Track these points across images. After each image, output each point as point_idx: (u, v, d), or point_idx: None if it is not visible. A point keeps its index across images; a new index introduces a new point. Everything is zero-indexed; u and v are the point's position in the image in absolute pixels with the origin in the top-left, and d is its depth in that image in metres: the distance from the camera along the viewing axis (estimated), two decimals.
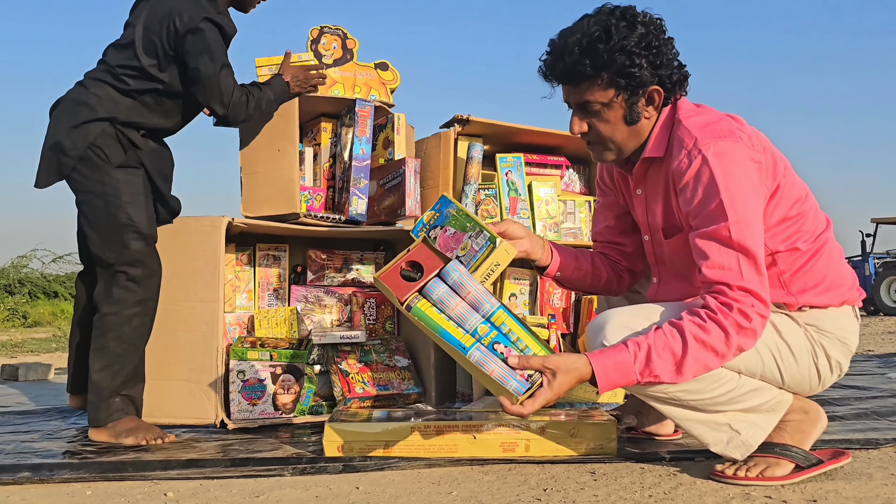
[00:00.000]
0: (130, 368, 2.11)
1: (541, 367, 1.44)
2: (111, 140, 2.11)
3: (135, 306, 2.10)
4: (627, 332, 1.50)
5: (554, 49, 1.56)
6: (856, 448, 1.77)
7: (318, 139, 2.65)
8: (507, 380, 1.44)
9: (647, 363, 1.42)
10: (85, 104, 2.11)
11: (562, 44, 1.54)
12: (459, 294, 1.53)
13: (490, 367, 1.45)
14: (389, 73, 2.72)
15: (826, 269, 1.59)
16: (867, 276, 12.75)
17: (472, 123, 2.70)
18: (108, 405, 2.08)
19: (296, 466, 1.71)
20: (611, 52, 1.49)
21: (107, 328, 2.09)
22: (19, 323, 11.88)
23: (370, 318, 2.70)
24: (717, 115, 1.56)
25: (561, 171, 2.98)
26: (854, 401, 2.48)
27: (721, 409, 1.53)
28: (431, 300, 1.53)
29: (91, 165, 2.10)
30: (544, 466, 1.69)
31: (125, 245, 2.09)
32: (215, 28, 2.15)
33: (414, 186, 2.46)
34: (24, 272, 13.66)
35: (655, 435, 1.97)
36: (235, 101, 2.19)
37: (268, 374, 2.36)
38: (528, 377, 1.45)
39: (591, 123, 1.58)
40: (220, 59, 2.15)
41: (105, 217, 2.10)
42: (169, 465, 1.76)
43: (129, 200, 2.11)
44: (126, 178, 2.12)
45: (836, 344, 1.59)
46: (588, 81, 1.53)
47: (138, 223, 2.10)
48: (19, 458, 1.87)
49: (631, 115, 1.56)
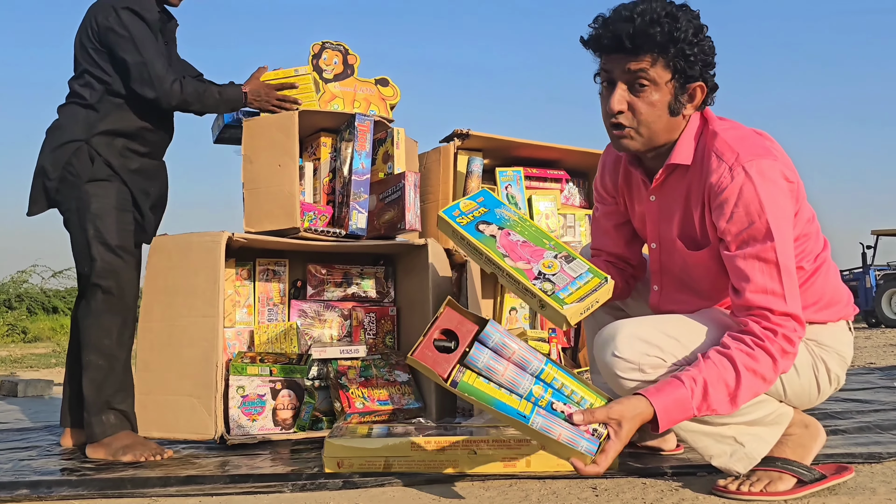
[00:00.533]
0: (115, 381, 2.12)
1: (606, 419, 1.38)
2: (83, 156, 2.16)
3: (112, 318, 2.12)
4: (641, 344, 1.47)
5: (618, 13, 1.48)
6: (859, 462, 1.76)
7: (318, 154, 2.66)
8: (575, 441, 1.35)
9: (705, 397, 1.39)
10: (59, 127, 2.23)
11: (627, 8, 1.48)
12: (504, 356, 1.41)
13: (556, 430, 1.36)
14: (390, 89, 2.73)
15: (825, 288, 1.59)
16: (868, 288, 12.74)
17: (472, 137, 2.71)
18: (100, 420, 2.08)
19: (295, 483, 1.70)
20: (679, 31, 1.45)
21: (87, 342, 2.12)
22: (19, 338, 11.85)
23: (370, 332, 2.69)
24: (750, 131, 1.54)
25: (561, 185, 2.99)
26: (856, 414, 2.47)
27: (726, 421, 1.52)
28: (477, 369, 1.40)
29: (68, 184, 2.17)
30: (545, 482, 1.68)
31: (94, 257, 2.12)
32: (133, 14, 2.17)
33: (414, 200, 2.46)
34: (23, 287, 13.66)
35: (658, 450, 1.96)
36: (167, 86, 2.18)
37: (267, 390, 2.35)
38: (594, 431, 1.38)
39: (633, 103, 1.50)
40: (143, 44, 2.17)
41: (77, 231, 2.16)
42: (168, 482, 1.75)
43: (97, 213, 2.14)
44: (95, 190, 2.16)
45: (836, 357, 1.60)
46: (651, 53, 1.46)
47: (105, 234, 2.13)
48: (17, 476, 1.86)
49: (675, 105, 1.51)
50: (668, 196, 1.61)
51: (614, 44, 1.48)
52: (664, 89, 1.49)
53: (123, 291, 2.14)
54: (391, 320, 2.74)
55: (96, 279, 2.11)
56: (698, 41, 1.48)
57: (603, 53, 1.52)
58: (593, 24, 1.53)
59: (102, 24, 2.16)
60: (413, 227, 2.46)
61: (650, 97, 1.49)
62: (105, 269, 2.11)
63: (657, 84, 1.49)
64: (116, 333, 2.12)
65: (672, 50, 1.46)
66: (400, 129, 2.60)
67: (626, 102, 1.50)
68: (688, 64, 1.48)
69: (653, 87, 1.49)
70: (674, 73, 1.48)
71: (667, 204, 1.61)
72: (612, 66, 1.51)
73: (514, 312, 2.90)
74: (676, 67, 1.48)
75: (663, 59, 1.47)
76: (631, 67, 1.48)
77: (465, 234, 1.57)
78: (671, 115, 1.52)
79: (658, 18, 1.45)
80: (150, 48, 2.17)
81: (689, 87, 1.51)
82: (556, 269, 1.52)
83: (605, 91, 1.54)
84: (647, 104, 1.50)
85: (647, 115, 1.50)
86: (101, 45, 2.18)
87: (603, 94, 1.55)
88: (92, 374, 2.10)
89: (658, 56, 1.47)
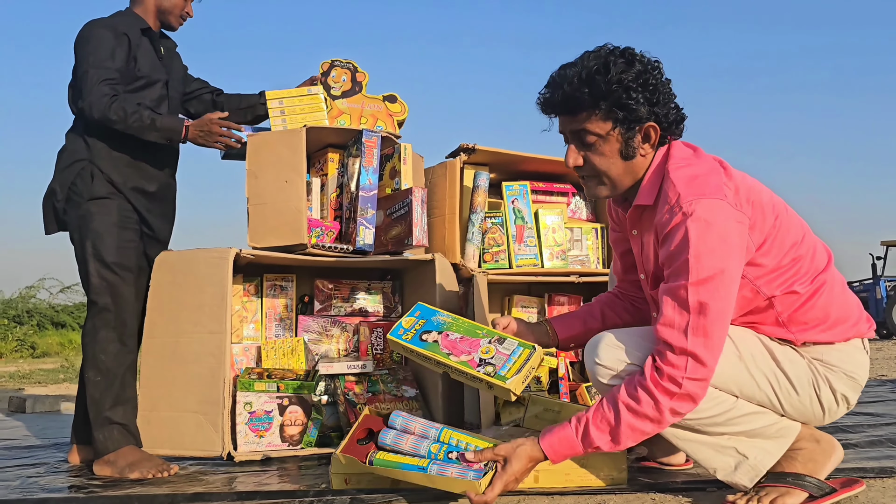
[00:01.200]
0: (112, 396, 2.13)
1: (492, 456, 1.55)
2: (85, 175, 2.21)
3: (107, 334, 2.14)
4: (618, 350, 1.56)
5: (554, 80, 1.59)
6: (870, 476, 1.74)
7: (325, 169, 2.67)
8: (465, 474, 1.55)
9: (586, 436, 1.49)
10: (66, 150, 2.29)
11: (561, 74, 1.57)
12: (407, 432, 1.69)
13: (448, 470, 1.56)
14: (398, 106, 2.75)
15: (828, 307, 1.58)
16: (878, 299, 12.66)
17: (478, 152, 2.71)
18: (103, 436, 2.10)
19: (303, 499, 1.70)
20: (609, 83, 1.51)
21: (86, 358, 2.15)
22: (27, 353, 11.90)
23: (377, 347, 2.69)
24: (706, 167, 1.54)
25: (567, 199, 2.99)
26: (868, 427, 2.45)
27: (721, 430, 1.53)
28: (387, 447, 1.68)
29: (72, 204, 2.22)
30: (554, 498, 1.67)
31: (91, 274, 2.16)
32: (95, 27, 2.22)
33: (421, 216, 2.47)
34: (31, 302, 13.73)
35: (666, 465, 1.95)
36: (94, 98, 2.15)
37: (275, 406, 2.35)
38: (484, 466, 1.56)
39: (586, 156, 1.59)
40: (92, 58, 2.18)
41: (78, 249, 2.21)
42: (175, 500, 1.75)
43: (96, 230, 2.17)
44: (96, 209, 2.19)
45: (843, 378, 1.58)
46: (586, 111, 1.54)
47: (103, 252, 2.16)
48: (25, 493, 1.87)
49: (627, 150, 1.56)
50: (644, 232, 1.65)
51: (552, 109, 1.59)
52: (611, 138, 1.56)
53: (120, 308, 2.16)
54: None
55: (93, 296, 2.15)
56: (639, 84, 1.53)
57: (551, 116, 1.62)
58: (542, 89, 1.62)
59: (75, 50, 2.23)
60: (420, 242, 2.46)
61: (600, 149, 1.57)
62: (101, 286, 2.14)
63: (601, 136, 1.56)
64: (113, 349, 2.14)
65: (604, 104, 1.52)
66: (407, 144, 2.61)
67: (581, 157, 1.59)
68: (628, 110, 1.53)
69: (599, 140, 1.56)
70: (614, 122, 1.54)
71: (645, 239, 1.66)
72: (561, 127, 1.62)
73: None
74: (616, 117, 1.54)
75: (599, 113, 1.54)
76: (573, 128, 1.58)
77: (412, 348, 1.76)
78: (626, 159, 1.58)
79: (588, 76, 1.52)
80: (94, 59, 2.18)
81: (638, 129, 1.56)
82: (493, 353, 1.71)
83: (566, 146, 1.63)
84: (598, 155, 1.58)
85: (602, 166, 1.58)
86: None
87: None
88: (90, 390, 2.13)
89: (593, 111, 1.54)
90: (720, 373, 1.50)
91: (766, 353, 1.56)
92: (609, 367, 1.56)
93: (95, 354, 2.13)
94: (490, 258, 2.72)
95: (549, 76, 1.60)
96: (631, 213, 1.64)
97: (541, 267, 2.78)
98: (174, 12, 2.39)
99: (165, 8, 2.38)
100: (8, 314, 13.05)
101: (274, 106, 2.58)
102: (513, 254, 2.74)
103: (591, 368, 1.59)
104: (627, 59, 1.54)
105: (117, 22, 2.28)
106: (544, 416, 2.27)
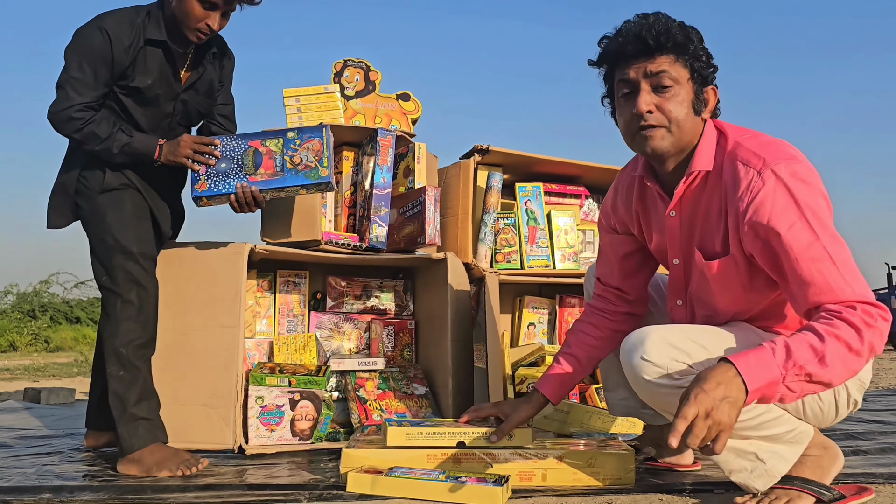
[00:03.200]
0: (137, 390, 2.05)
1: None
2: (95, 167, 2.12)
3: (131, 325, 2.07)
4: (669, 349, 1.46)
5: (632, 24, 1.53)
6: (879, 483, 1.74)
7: (340, 167, 2.70)
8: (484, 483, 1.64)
9: (789, 355, 1.31)
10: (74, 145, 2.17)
11: (642, 19, 1.52)
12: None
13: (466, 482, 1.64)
14: (411, 104, 2.76)
15: None
16: (893, 309, 12.54)
17: (492, 153, 2.73)
18: (128, 433, 2.03)
19: (313, 492, 1.72)
20: (692, 36, 1.52)
21: (108, 352, 2.07)
22: (42, 347, 12.02)
23: (388, 345, 2.71)
24: (770, 137, 1.54)
25: (580, 201, 2.99)
26: (879, 435, 2.44)
27: (748, 434, 1.52)
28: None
29: (83, 196, 2.14)
30: (561, 497, 1.68)
31: (115, 267, 2.07)
32: (94, 34, 2.01)
33: (434, 215, 2.48)
34: (46, 297, 13.84)
35: (675, 466, 1.95)
36: (61, 110, 2.03)
37: (286, 401, 2.37)
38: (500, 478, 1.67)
39: (658, 104, 1.52)
40: (71, 66, 2.02)
41: (96, 242, 2.12)
42: (187, 489, 1.77)
43: (113, 222, 2.09)
44: (110, 201, 2.12)
45: (856, 382, 1.58)
46: (672, 54, 1.50)
47: (125, 243, 2.08)
48: (41, 480, 1.89)
49: (697, 104, 1.54)
50: (687, 209, 1.61)
51: (637, 47, 1.51)
52: (686, 87, 1.52)
53: (143, 300, 2.10)
54: (409, 333, 2.75)
55: (116, 288, 2.07)
56: (704, 46, 1.54)
57: (621, 63, 1.54)
58: (605, 41, 1.57)
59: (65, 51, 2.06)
60: (433, 241, 2.48)
61: (676, 95, 1.51)
62: (125, 277, 2.07)
63: (679, 83, 1.52)
64: (137, 343, 2.07)
65: (691, 49, 1.51)
66: (421, 144, 2.63)
67: (653, 104, 1.52)
68: (702, 65, 1.53)
69: (676, 85, 1.51)
70: (691, 72, 1.53)
71: (686, 218, 1.61)
72: (633, 73, 1.53)
73: (532, 327, 2.90)
74: (693, 67, 1.52)
75: (682, 59, 1.51)
76: (652, 69, 1.51)
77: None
78: (695, 114, 1.54)
79: (670, 25, 1.51)
80: (77, 66, 2.02)
81: (704, 90, 1.55)
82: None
83: (624, 102, 1.56)
84: (674, 102, 1.51)
85: (676, 112, 1.51)
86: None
87: (621, 104, 1.57)
88: (114, 385, 2.06)
89: (677, 56, 1.51)
90: None
91: None
92: (658, 365, 1.46)
93: (117, 348, 2.05)
94: (502, 258, 2.73)
95: (620, 27, 1.55)
96: (680, 187, 1.57)
97: (552, 268, 2.78)
98: (187, 23, 2.05)
99: (178, 17, 2.06)
100: (23, 308, 13.17)
101: (291, 103, 2.60)
102: (525, 255, 2.75)
103: (635, 364, 1.48)
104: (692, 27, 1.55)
105: (124, 24, 2.04)
106: (554, 416, 2.29)
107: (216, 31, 2.10)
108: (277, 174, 2.16)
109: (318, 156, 2.17)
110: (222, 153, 2.16)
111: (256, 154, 2.17)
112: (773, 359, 1.31)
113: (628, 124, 1.55)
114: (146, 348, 2.12)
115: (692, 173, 1.55)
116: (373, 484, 1.67)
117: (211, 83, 2.29)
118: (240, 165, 2.16)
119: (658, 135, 1.52)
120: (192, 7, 2.03)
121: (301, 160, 2.16)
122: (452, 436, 1.80)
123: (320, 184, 2.17)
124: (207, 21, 2.05)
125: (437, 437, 1.80)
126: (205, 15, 2.04)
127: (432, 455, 1.78)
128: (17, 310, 13.03)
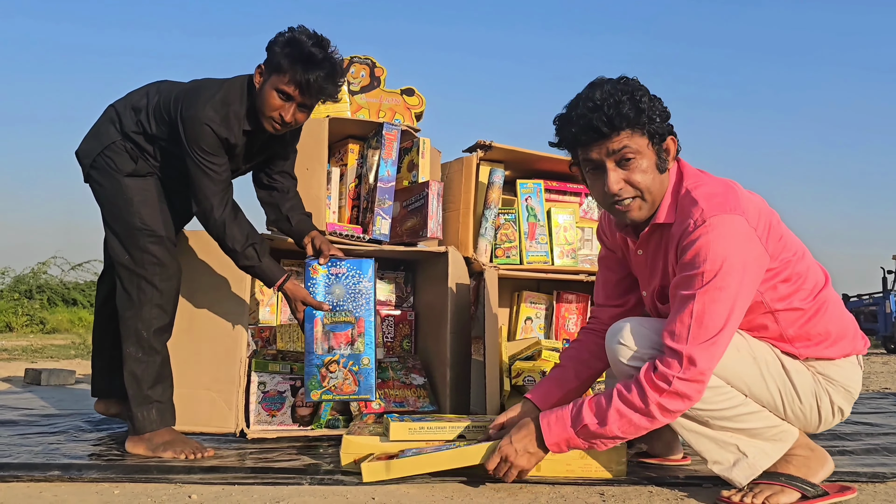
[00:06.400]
0: (153, 373, 2.10)
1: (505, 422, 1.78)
2: (121, 150, 2.13)
3: (153, 309, 2.10)
4: (641, 337, 1.63)
5: (584, 105, 1.57)
6: (862, 481, 1.80)
7: (345, 160, 2.74)
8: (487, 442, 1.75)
9: (578, 414, 1.58)
10: (108, 122, 2.17)
11: (591, 99, 1.56)
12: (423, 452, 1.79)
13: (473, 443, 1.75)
14: (415, 99, 2.80)
15: (829, 325, 1.64)
16: (888, 313, 12.62)
17: (494, 149, 2.77)
18: (141, 415, 2.08)
19: (314, 476, 1.77)
20: (641, 101, 1.56)
21: (127, 333, 2.10)
22: (38, 329, 12.06)
23: (388, 335, 2.76)
24: (723, 186, 1.60)
25: (580, 199, 3.04)
26: (865, 437, 2.49)
27: (726, 424, 1.59)
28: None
29: (104, 173, 2.14)
30: (554, 486, 1.73)
31: (142, 249, 2.09)
32: (210, 131, 2.02)
33: (436, 209, 2.53)
34: (43, 278, 13.87)
35: (665, 460, 2.01)
36: (213, 226, 2.10)
37: (288, 387, 2.42)
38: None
39: (628, 177, 1.59)
40: (206, 163, 2.04)
41: (121, 222, 2.12)
42: (192, 470, 1.82)
43: (141, 205, 2.12)
44: (136, 184, 2.13)
45: (842, 392, 1.66)
46: (628, 129, 1.56)
47: (153, 226, 2.11)
48: (49, 458, 1.94)
49: (661, 163, 1.61)
50: (652, 251, 1.70)
51: (592, 135, 1.57)
52: (648, 152, 1.59)
53: (167, 284, 2.13)
54: (409, 325, 2.80)
55: (142, 270, 2.09)
56: (654, 103, 1.59)
57: (581, 146, 1.61)
58: (559, 126, 1.63)
59: (185, 140, 2.04)
60: (434, 234, 2.53)
61: (640, 165, 1.59)
62: (153, 261, 2.10)
63: (641, 152, 1.58)
64: (157, 325, 2.11)
65: (644, 118, 1.56)
66: (426, 139, 2.67)
67: (622, 180, 1.60)
68: (657, 126, 1.58)
69: (638, 156, 1.58)
70: (650, 137, 1.59)
71: (652, 258, 1.71)
72: (595, 155, 1.60)
73: (530, 322, 2.95)
74: (650, 131, 1.58)
75: (638, 130, 1.57)
76: (613, 148, 1.58)
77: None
78: (660, 172, 1.62)
79: (620, 98, 1.55)
80: (219, 199, 2.08)
81: (664, 144, 1.61)
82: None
83: (593, 177, 1.63)
84: (640, 172, 1.59)
85: (645, 182, 1.60)
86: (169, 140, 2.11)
87: (591, 178, 1.64)
88: (131, 366, 2.09)
89: (633, 129, 1.57)
90: (734, 370, 1.57)
91: (777, 361, 1.63)
92: (630, 348, 1.63)
93: (139, 331, 2.08)
94: (502, 254, 2.78)
95: (570, 111, 1.60)
96: (644, 233, 1.68)
97: (551, 264, 2.83)
98: (263, 111, 2.06)
99: (258, 107, 2.07)
100: (19, 289, 13.21)
101: None
102: (524, 250, 2.80)
103: (614, 348, 1.66)
104: (636, 83, 1.60)
105: (223, 133, 2.05)
106: None
107: (290, 124, 2.09)
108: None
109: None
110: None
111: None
112: (568, 419, 1.60)
113: (603, 198, 1.64)
114: (166, 332, 2.16)
115: (654, 225, 1.65)
116: (388, 469, 1.70)
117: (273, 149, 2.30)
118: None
119: (635, 206, 1.62)
120: (270, 97, 2.04)
121: None
122: (453, 430, 1.85)
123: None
124: (281, 111, 2.05)
125: (438, 431, 1.85)
126: (280, 105, 2.04)
127: (431, 444, 1.83)
128: (13, 290, 13.08)
